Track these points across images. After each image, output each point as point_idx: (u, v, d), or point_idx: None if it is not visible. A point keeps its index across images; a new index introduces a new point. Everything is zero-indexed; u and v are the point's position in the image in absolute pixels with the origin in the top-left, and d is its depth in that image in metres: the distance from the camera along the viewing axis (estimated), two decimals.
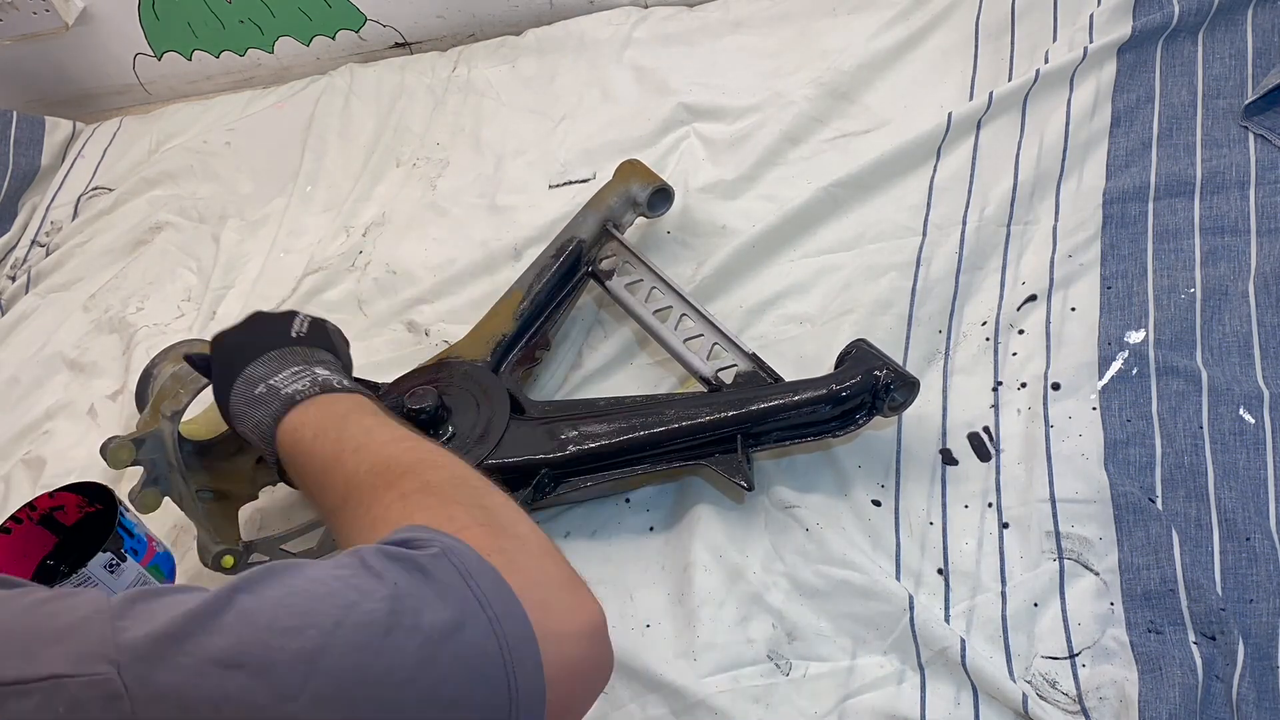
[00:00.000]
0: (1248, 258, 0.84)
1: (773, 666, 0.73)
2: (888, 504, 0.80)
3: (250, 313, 0.74)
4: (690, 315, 0.90)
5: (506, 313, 0.93)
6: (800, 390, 0.78)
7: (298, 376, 0.65)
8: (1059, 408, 0.81)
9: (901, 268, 0.93)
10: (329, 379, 0.66)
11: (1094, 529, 0.74)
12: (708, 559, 0.79)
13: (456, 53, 1.41)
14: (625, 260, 0.96)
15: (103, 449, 0.75)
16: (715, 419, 0.79)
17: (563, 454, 0.81)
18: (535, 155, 1.21)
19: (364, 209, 1.24)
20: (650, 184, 1.00)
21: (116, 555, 0.78)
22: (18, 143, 1.46)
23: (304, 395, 0.64)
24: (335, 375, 0.67)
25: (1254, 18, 0.96)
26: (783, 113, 1.11)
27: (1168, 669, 0.65)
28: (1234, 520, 0.71)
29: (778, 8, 1.25)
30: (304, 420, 0.63)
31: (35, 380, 1.18)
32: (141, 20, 1.53)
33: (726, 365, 0.86)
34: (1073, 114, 0.97)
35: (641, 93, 1.23)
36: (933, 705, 0.69)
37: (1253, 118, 0.91)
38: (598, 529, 0.85)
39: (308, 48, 1.53)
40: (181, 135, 1.46)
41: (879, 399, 0.77)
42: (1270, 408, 0.75)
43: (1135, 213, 0.89)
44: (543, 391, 0.95)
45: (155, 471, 0.78)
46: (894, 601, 0.72)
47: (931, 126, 1.01)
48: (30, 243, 1.40)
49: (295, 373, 0.66)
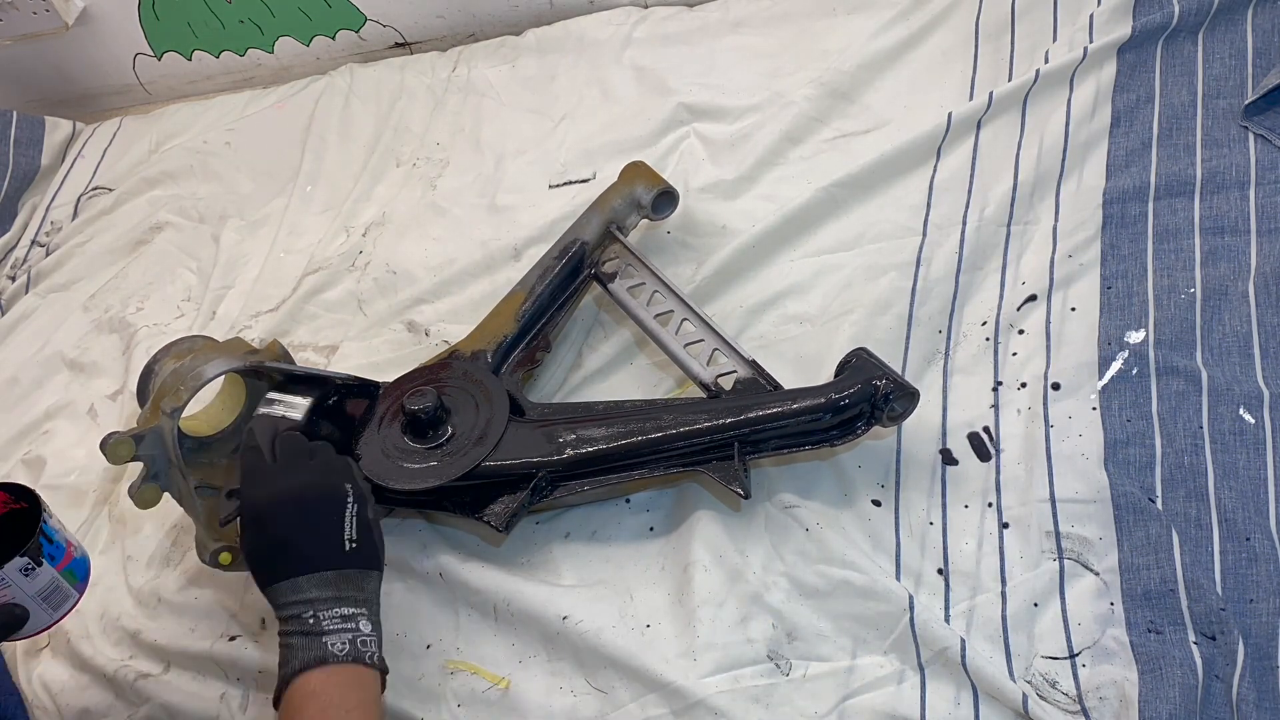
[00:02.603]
0: (1248, 258, 0.84)
1: (773, 666, 0.73)
2: (888, 504, 0.80)
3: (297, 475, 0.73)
4: (691, 320, 0.90)
5: (509, 313, 0.93)
6: (799, 399, 0.78)
7: (344, 625, 0.68)
8: (1059, 408, 0.81)
9: (901, 268, 0.93)
10: (369, 642, 0.68)
11: (1094, 529, 0.74)
12: (708, 559, 0.79)
13: (456, 53, 1.41)
14: (628, 263, 0.96)
15: (103, 444, 0.75)
16: (713, 426, 0.78)
17: (560, 457, 0.80)
18: (535, 155, 1.21)
19: (364, 209, 1.24)
20: (655, 186, 1.00)
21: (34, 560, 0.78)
22: (18, 143, 1.47)
23: (335, 659, 0.66)
24: (370, 635, 0.69)
25: (1254, 18, 0.96)
26: (783, 113, 1.11)
27: (1168, 669, 0.65)
28: (1234, 520, 0.71)
29: (778, 8, 1.25)
30: (317, 691, 0.65)
31: (35, 380, 1.18)
32: (141, 20, 1.53)
33: (726, 371, 0.86)
34: (1073, 114, 0.97)
35: (641, 93, 1.23)
36: (933, 705, 0.69)
37: (1253, 118, 0.91)
38: (598, 529, 0.85)
39: (308, 48, 1.53)
40: (181, 135, 1.46)
41: (878, 409, 0.77)
42: (1270, 408, 0.75)
43: (1135, 213, 0.89)
44: (542, 391, 0.95)
45: (155, 467, 0.78)
46: (894, 601, 0.72)
47: (931, 126, 1.01)
48: (30, 243, 1.40)
49: (345, 618, 0.68)
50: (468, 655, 0.81)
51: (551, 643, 0.79)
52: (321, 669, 0.65)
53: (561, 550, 0.85)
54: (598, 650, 0.76)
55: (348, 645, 0.67)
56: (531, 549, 0.85)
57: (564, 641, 0.78)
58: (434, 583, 0.85)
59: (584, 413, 0.85)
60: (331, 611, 0.67)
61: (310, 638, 0.66)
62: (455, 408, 0.85)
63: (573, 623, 0.78)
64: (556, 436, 0.82)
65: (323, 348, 1.09)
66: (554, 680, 0.77)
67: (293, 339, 1.11)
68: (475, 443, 0.82)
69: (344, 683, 0.66)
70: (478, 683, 0.79)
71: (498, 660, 0.80)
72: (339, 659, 0.66)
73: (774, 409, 0.78)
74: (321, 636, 0.66)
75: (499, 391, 0.86)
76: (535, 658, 0.79)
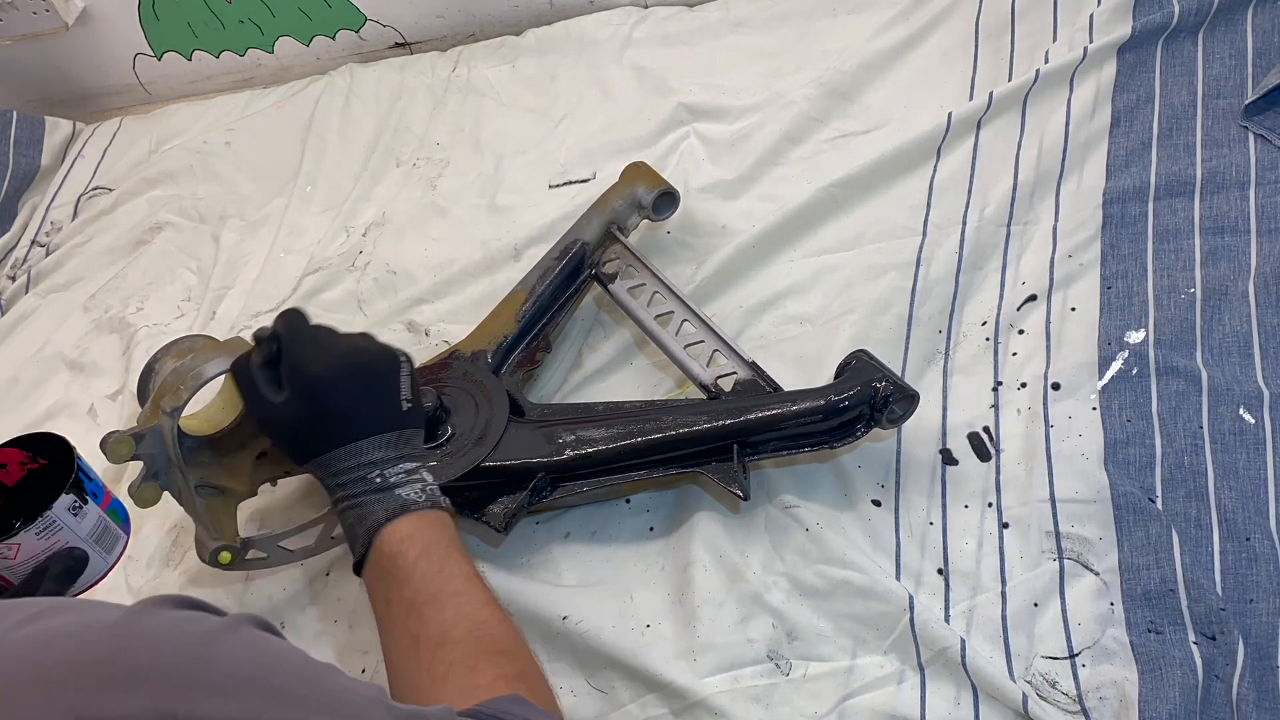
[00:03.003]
0: (1248, 258, 0.84)
1: (773, 666, 0.73)
2: (888, 504, 0.80)
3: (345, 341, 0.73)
4: (691, 321, 0.90)
5: (509, 314, 0.93)
6: (798, 400, 0.77)
7: (411, 477, 0.68)
8: (1059, 408, 0.81)
9: (901, 268, 0.93)
10: (435, 490, 0.69)
11: (1094, 529, 0.74)
12: (707, 559, 0.79)
13: (456, 53, 1.41)
14: (628, 264, 0.96)
15: (102, 444, 0.75)
16: (712, 427, 0.78)
17: (560, 458, 0.80)
18: (535, 155, 1.21)
19: (364, 209, 1.24)
20: (656, 187, 1.00)
21: (79, 497, 0.77)
22: (18, 143, 1.46)
23: (417, 505, 0.66)
24: (434, 484, 0.69)
25: (1254, 18, 0.96)
26: (783, 113, 1.11)
27: (1168, 669, 0.65)
28: (1234, 520, 0.71)
29: (778, 8, 1.25)
30: (412, 534, 0.65)
31: (35, 380, 1.18)
32: (141, 20, 1.53)
33: (726, 373, 0.86)
34: (1073, 114, 0.97)
35: (641, 93, 1.23)
36: (933, 705, 0.69)
37: (1253, 118, 0.91)
38: (598, 529, 0.85)
39: (308, 48, 1.53)
40: (181, 135, 1.46)
41: (878, 411, 0.77)
42: (1270, 408, 0.75)
43: (1135, 213, 0.89)
44: (542, 392, 0.95)
45: (154, 467, 0.78)
46: (894, 601, 0.72)
47: (931, 126, 1.01)
48: (30, 243, 1.40)
49: (409, 472, 0.68)
50: None
51: (551, 643, 0.79)
52: (406, 516, 0.66)
53: (561, 550, 0.85)
54: (598, 650, 0.76)
55: (422, 494, 0.67)
56: (531, 549, 0.85)
57: (564, 641, 0.78)
58: None
59: (584, 414, 0.85)
60: (396, 468, 0.68)
61: (384, 493, 0.66)
62: (455, 408, 0.85)
63: (573, 623, 0.78)
64: (556, 437, 0.82)
65: None
66: (554, 680, 0.77)
67: None
68: (475, 443, 0.82)
69: (433, 524, 0.66)
70: None
71: None
72: (420, 505, 0.66)
73: (773, 411, 0.78)
74: (395, 490, 0.67)
75: (499, 392, 0.86)
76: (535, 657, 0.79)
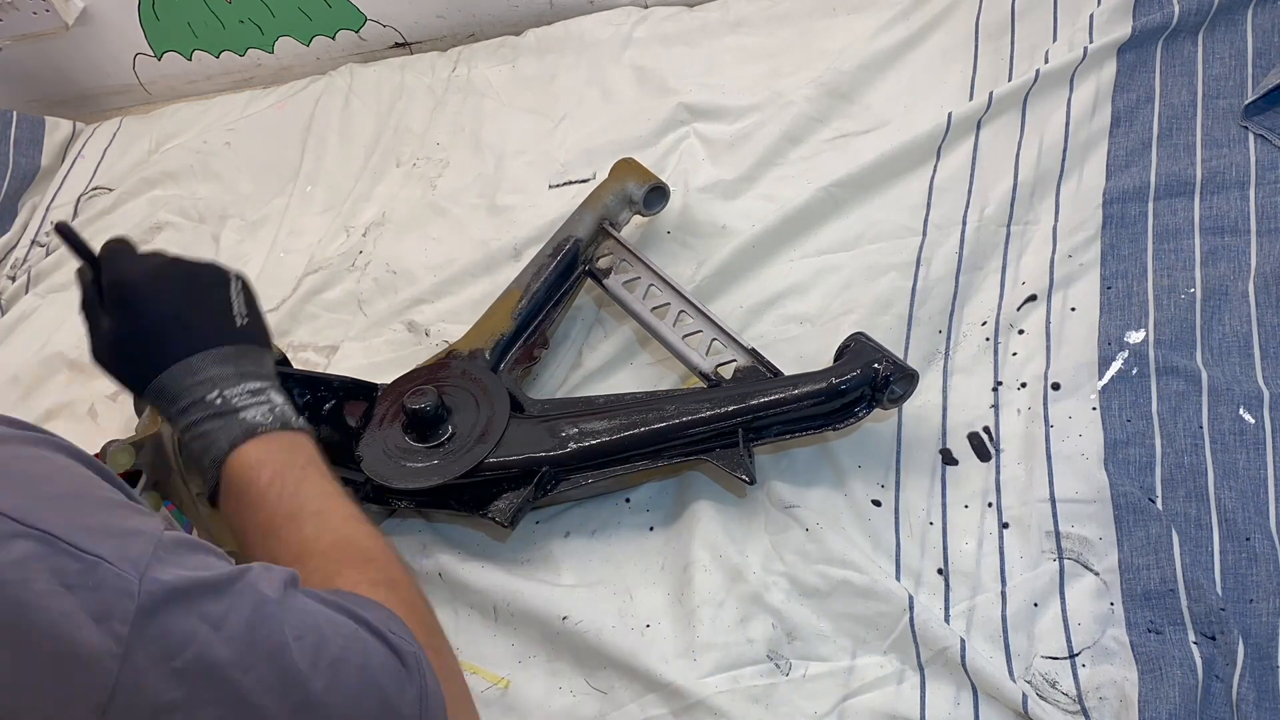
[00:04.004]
0: (1248, 258, 0.84)
1: (772, 666, 0.73)
2: (888, 504, 0.80)
3: (168, 257, 0.66)
4: (688, 311, 0.90)
5: (505, 312, 0.93)
6: (800, 384, 0.78)
7: (256, 399, 0.62)
8: (1059, 408, 0.81)
9: (901, 268, 0.93)
10: (285, 410, 0.63)
11: (1094, 529, 0.74)
12: (707, 559, 0.79)
13: (456, 53, 1.41)
14: (622, 258, 0.96)
15: (102, 453, 0.75)
16: (715, 413, 0.79)
17: (564, 451, 0.81)
18: (535, 155, 1.21)
19: (364, 209, 1.24)
20: (646, 182, 1.00)
21: None
22: (18, 143, 1.46)
23: (264, 428, 0.61)
24: (287, 401, 0.64)
25: (1254, 18, 0.96)
26: (783, 113, 1.11)
27: (1168, 669, 0.65)
28: (1234, 520, 0.71)
29: (778, 8, 1.25)
30: (262, 459, 0.60)
31: (35, 380, 1.18)
32: (141, 20, 1.53)
33: (726, 360, 0.86)
34: (1073, 114, 0.97)
35: (641, 93, 1.23)
36: (932, 705, 0.69)
37: (1253, 118, 0.91)
38: (597, 529, 0.85)
39: (308, 48, 1.53)
40: (181, 135, 1.46)
41: (878, 391, 0.77)
42: (1270, 408, 0.75)
43: (1135, 213, 0.89)
44: (543, 391, 0.95)
45: (155, 475, 0.78)
46: (894, 601, 0.72)
47: (931, 126, 1.01)
48: (30, 243, 1.40)
49: (254, 392, 0.62)
50: (467, 655, 0.81)
51: (551, 642, 0.79)
52: (253, 440, 0.60)
53: (561, 550, 0.85)
54: (597, 650, 0.76)
55: (270, 415, 0.61)
56: (531, 548, 0.85)
57: (564, 641, 0.78)
58: (434, 583, 0.85)
59: (585, 406, 0.85)
60: (238, 388, 0.62)
61: (226, 417, 0.60)
62: (456, 406, 0.85)
63: (572, 622, 0.78)
64: (559, 431, 0.82)
65: (323, 348, 1.09)
66: (554, 680, 0.77)
67: (293, 339, 1.11)
68: (477, 440, 0.82)
69: (284, 447, 0.61)
70: (477, 682, 0.79)
71: (497, 660, 0.80)
72: (267, 427, 0.61)
73: (776, 395, 0.78)
74: (238, 413, 0.61)
75: (499, 389, 0.86)
76: (535, 658, 0.79)
